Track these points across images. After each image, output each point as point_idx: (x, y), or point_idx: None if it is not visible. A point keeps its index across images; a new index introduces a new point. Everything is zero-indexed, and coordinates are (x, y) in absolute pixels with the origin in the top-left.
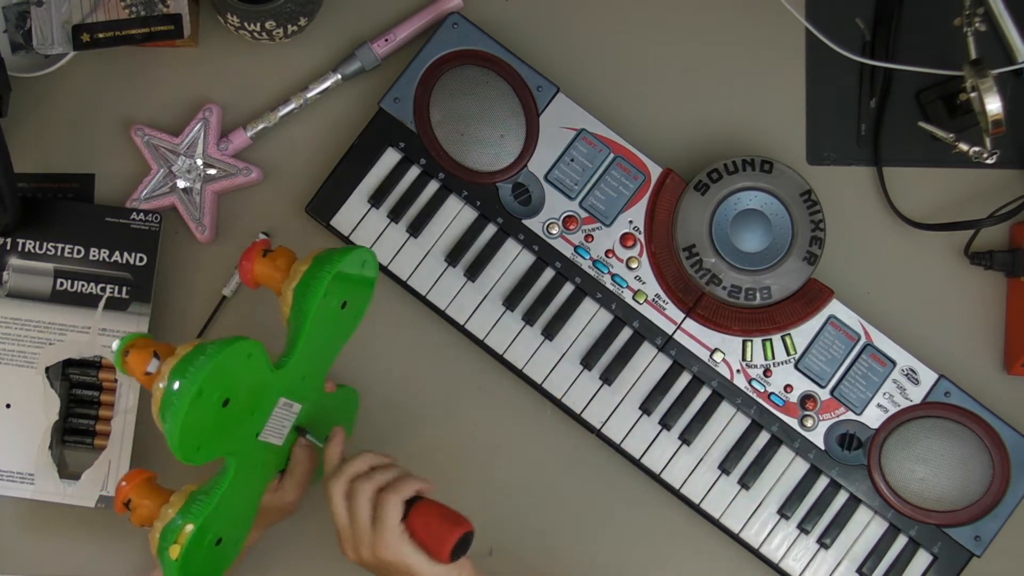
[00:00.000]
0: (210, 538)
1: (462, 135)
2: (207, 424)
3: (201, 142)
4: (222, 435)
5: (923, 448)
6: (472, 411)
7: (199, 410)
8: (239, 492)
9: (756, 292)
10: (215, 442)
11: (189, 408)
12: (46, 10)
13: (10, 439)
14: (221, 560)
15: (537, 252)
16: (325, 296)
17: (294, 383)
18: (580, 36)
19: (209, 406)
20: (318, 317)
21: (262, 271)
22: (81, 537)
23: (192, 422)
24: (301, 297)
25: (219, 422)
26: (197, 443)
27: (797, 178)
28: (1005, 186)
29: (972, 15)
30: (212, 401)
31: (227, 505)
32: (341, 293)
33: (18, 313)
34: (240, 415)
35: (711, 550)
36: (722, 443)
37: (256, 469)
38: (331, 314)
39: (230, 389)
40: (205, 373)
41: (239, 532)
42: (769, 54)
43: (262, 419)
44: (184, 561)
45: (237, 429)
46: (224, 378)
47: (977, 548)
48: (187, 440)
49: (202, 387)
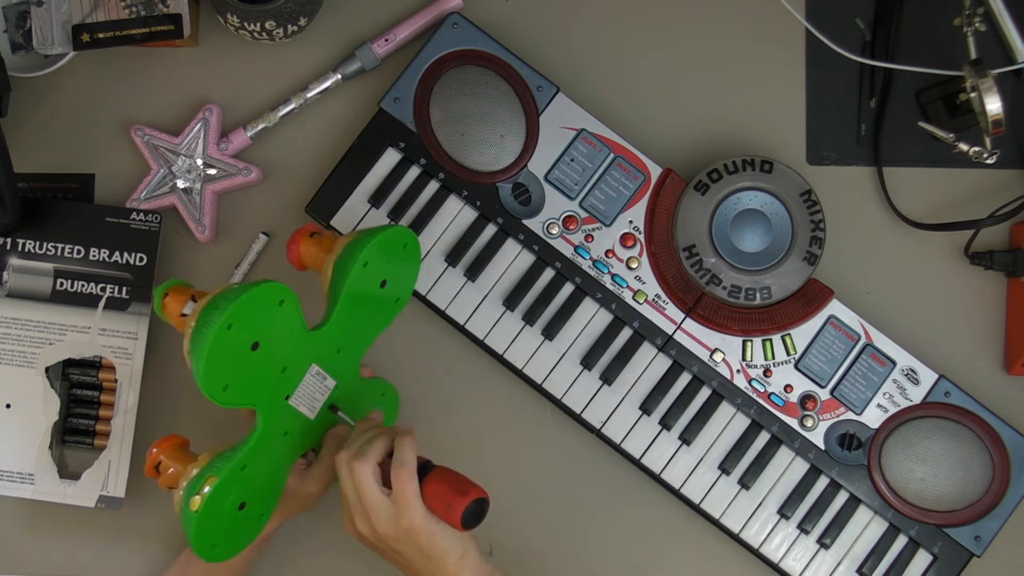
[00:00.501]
0: (233, 498)
1: (462, 135)
2: (235, 363)
3: (201, 142)
4: (250, 381)
5: (923, 448)
6: (472, 411)
7: (227, 345)
8: (265, 455)
9: (756, 292)
10: (243, 386)
11: (216, 338)
12: (46, 10)
13: (10, 439)
14: (243, 530)
15: (537, 252)
16: (366, 266)
17: (328, 354)
18: (580, 36)
19: (238, 343)
20: (356, 285)
21: (307, 250)
22: (81, 537)
23: (220, 356)
24: (341, 266)
25: (248, 366)
26: (224, 380)
27: (797, 178)
28: (1005, 186)
29: (972, 15)
30: (241, 339)
31: (253, 465)
32: (381, 269)
33: (18, 313)
34: (270, 366)
35: (711, 550)
36: (722, 443)
37: (284, 436)
38: (370, 289)
39: (260, 332)
40: (236, 305)
41: (263, 501)
42: (769, 54)
43: (293, 381)
44: (204, 513)
45: (266, 381)
46: (254, 317)
47: (977, 548)
48: (213, 374)
49: (231, 319)
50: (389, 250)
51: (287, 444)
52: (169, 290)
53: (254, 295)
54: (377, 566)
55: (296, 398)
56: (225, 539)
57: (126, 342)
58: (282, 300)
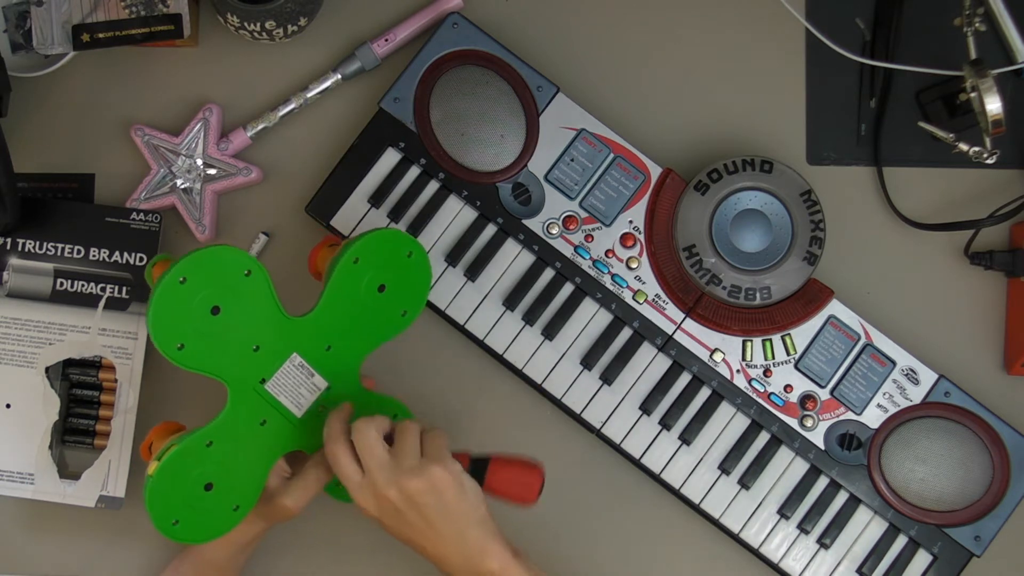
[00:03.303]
0: (196, 473)
1: (462, 135)
2: (191, 322)
3: (201, 142)
4: (212, 348)
5: (923, 448)
6: (471, 411)
7: (179, 299)
8: (238, 438)
9: (756, 292)
10: (202, 350)
11: (165, 287)
12: (46, 10)
13: (10, 439)
14: (213, 515)
15: (537, 252)
16: (356, 263)
17: (314, 348)
18: (580, 36)
19: (193, 301)
20: (343, 279)
21: (323, 258)
22: (81, 537)
23: (170, 308)
24: (334, 261)
25: (208, 330)
26: (179, 338)
27: (797, 178)
28: (1005, 186)
29: (972, 15)
30: (197, 297)
31: (222, 445)
32: (376, 271)
33: (18, 313)
34: (236, 337)
35: (711, 550)
36: (722, 443)
37: (262, 425)
38: (362, 289)
39: (221, 296)
40: (189, 258)
41: (237, 491)
42: (769, 54)
43: (270, 365)
44: (159, 480)
45: (233, 353)
46: (213, 278)
47: (977, 548)
48: (163, 326)
49: (184, 273)
50: (385, 252)
51: (266, 434)
52: (159, 260)
53: (211, 253)
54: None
55: (275, 385)
56: (189, 518)
57: (126, 342)
58: (248, 270)
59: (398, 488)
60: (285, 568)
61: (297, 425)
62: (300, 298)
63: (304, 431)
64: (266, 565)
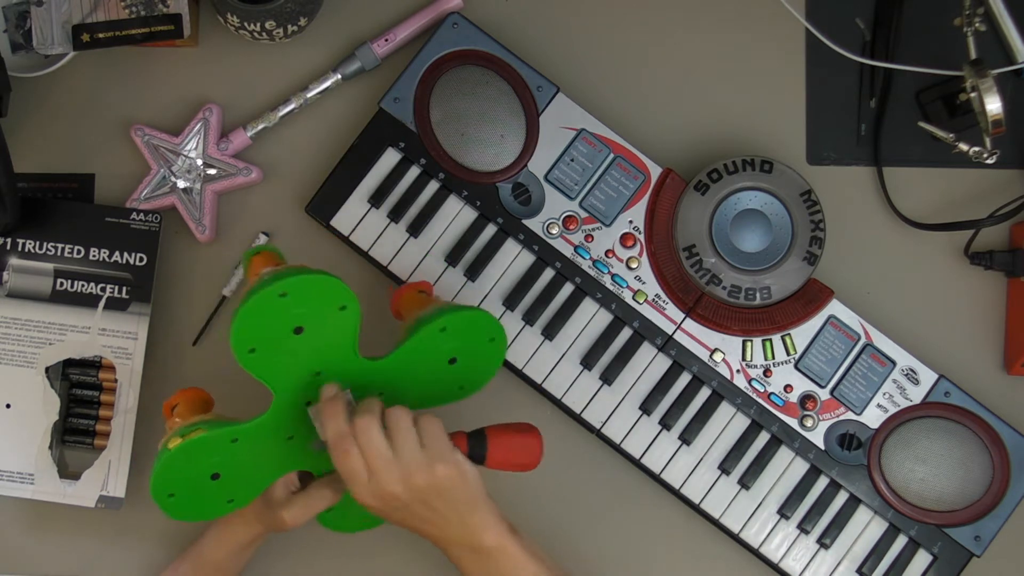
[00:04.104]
0: (211, 461)
1: (462, 135)
2: (273, 333)
3: (201, 142)
4: (279, 361)
5: (923, 448)
6: (470, 411)
7: (272, 310)
8: (260, 444)
9: (756, 292)
10: (270, 361)
11: (264, 295)
12: (46, 10)
13: (10, 439)
14: (208, 501)
15: (537, 252)
16: (443, 331)
17: (368, 390)
18: (580, 36)
19: (284, 316)
20: (423, 341)
21: (409, 302)
22: (81, 537)
23: (260, 315)
24: (422, 320)
25: (284, 346)
26: (254, 341)
27: (797, 178)
28: (1005, 186)
29: (972, 15)
30: (288, 313)
31: (244, 445)
32: (456, 343)
33: (18, 313)
34: (305, 360)
35: (711, 550)
36: (722, 443)
37: (287, 440)
38: (436, 355)
39: (309, 320)
40: (300, 279)
41: (238, 488)
42: (769, 54)
43: None
44: (176, 456)
45: (295, 372)
46: (311, 302)
47: (977, 548)
48: (246, 328)
49: (288, 288)
50: (473, 330)
51: (286, 449)
52: (261, 251)
53: (321, 281)
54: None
55: (317, 410)
56: (186, 496)
57: (126, 342)
58: (344, 306)
59: (405, 486)
60: (285, 568)
61: (311, 450)
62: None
63: (322, 456)
64: (266, 565)
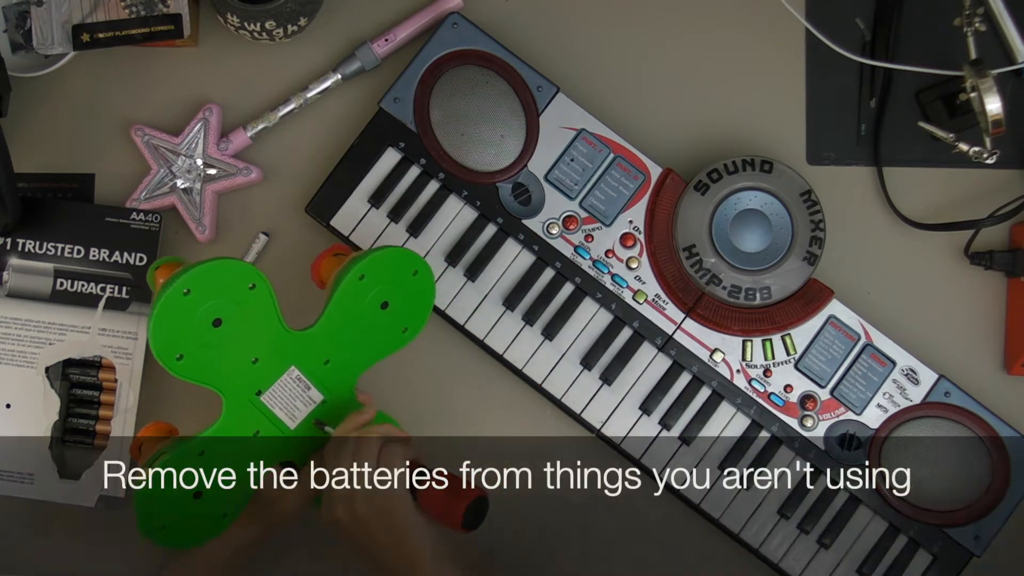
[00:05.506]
0: (187, 482)
1: (462, 135)
2: (192, 333)
3: (201, 142)
4: (211, 360)
5: (923, 448)
6: (471, 411)
7: (182, 310)
8: (231, 448)
9: (756, 292)
10: (201, 362)
11: (168, 299)
12: (46, 10)
13: (10, 439)
14: (201, 522)
15: (537, 252)
16: (361, 279)
17: (313, 362)
18: (580, 36)
19: (195, 312)
20: (347, 295)
21: (328, 268)
22: (81, 537)
23: (172, 320)
24: (339, 275)
25: (208, 341)
26: (179, 348)
27: (797, 178)
28: (1005, 186)
29: (972, 15)
30: (200, 309)
31: (214, 454)
32: (381, 288)
33: (18, 313)
34: (236, 350)
35: (711, 550)
36: (722, 443)
37: (255, 436)
38: (365, 305)
39: (223, 309)
40: (194, 271)
41: (225, 498)
42: (769, 54)
43: (267, 377)
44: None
45: (232, 365)
46: (216, 290)
47: (977, 548)
48: (164, 337)
49: (188, 285)
50: (392, 269)
51: (258, 445)
52: (162, 264)
53: (217, 266)
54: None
55: (271, 397)
56: (176, 524)
57: (126, 342)
58: (253, 284)
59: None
60: (285, 568)
61: (289, 437)
62: (299, 300)
63: (296, 443)
64: (266, 565)
